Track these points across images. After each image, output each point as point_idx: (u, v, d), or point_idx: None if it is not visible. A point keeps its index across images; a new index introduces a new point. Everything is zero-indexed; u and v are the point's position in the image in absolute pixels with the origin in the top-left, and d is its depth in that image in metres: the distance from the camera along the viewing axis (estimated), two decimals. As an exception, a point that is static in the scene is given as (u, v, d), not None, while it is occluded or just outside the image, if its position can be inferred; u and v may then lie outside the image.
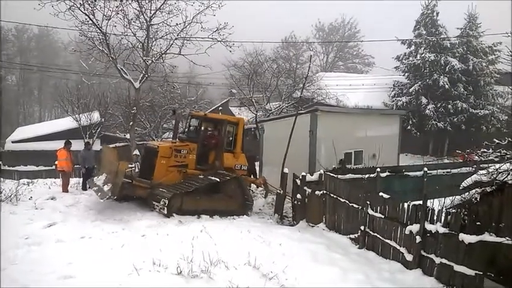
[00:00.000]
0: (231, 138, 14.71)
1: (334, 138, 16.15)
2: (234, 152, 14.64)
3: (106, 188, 11.87)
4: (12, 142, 35.12)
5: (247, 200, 13.77)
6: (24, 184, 14.84)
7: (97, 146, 30.17)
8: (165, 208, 11.73)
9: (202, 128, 14.51)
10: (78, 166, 17.40)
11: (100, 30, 20.36)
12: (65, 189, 14.46)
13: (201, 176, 13.25)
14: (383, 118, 20.44)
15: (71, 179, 15.44)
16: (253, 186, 16.53)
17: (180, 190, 12.31)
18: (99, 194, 11.83)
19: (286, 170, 14.19)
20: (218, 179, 13.10)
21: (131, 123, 24.32)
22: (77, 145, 18.75)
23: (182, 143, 13.84)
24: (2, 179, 17.21)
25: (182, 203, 12.21)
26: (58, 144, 15.81)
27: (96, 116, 33.58)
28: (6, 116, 58.98)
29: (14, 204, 11.47)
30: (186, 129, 15.05)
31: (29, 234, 9.12)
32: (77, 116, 32.76)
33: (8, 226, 9.55)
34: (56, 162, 15.16)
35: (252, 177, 16.38)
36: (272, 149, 18.54)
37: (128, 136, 29.23)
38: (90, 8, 19.64)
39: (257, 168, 18.65)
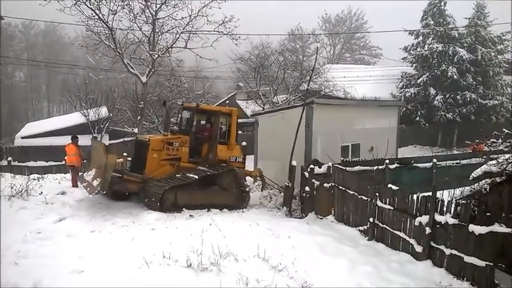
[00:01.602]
0: (224, 130, 14.25)
1: (331, 132, 15.87)
2: (228, 143, 14.17)
3: (95, 182, 11.57)
4: (22, 138, 35.37)
5: (243, 193, 13.55)
6: (34, 179, 14.93)
7: (105, 140, 30.34)
8: (158, 203, 11.59)
9: (195, 119, 14.18)
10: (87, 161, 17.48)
11: (106, 25, 20.45)
12: (75, 184, 14.52)
13: (195, 169, 12.89)
14: (381, 110, 19.96)
15: (80, 173, 15.51)
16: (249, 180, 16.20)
17: (173, 184, 12.04)
18: (88, 189, 11.55)
19: (294, 163, 14.12)
20: (212, 172, 12.89)
21: (139, 117, 24.43)
22: (86, 140, 18.82)
23: (174, 135, 13.37)
24: (12, 174, 17.34)
25: (176, 197, 12.06)
26: (67, 140, 15.85)
27: (104, 111, 33.69)
28: (15, 112, 59.43)
29: (24, 200, 11.54)
30: (178, 122, 14.65)
31: (40, 228, 9.20)
32: (85, 111, 32.90)
33: (20, 221, 9.66)
34: (66, 158, 15.24)
35: None
36: (267, 142, 18.08)
37: (135, 130, 29.34)
38: (96, 3, 19.72)
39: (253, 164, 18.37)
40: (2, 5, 23.14)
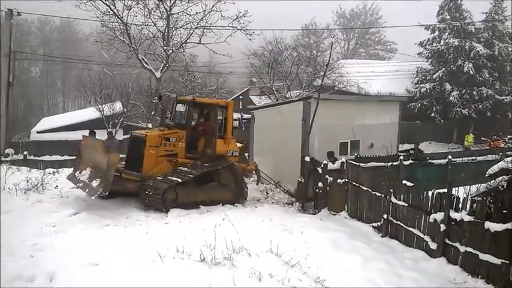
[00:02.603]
0: (220, 123, 13.68)
1: (329, 127, 15.56)
2: (225, 137, 13.63)
3: (95, 183, 10.76)
4: (37, 132, 35.85)
5: (241, 188, 13.19)
6: (49, 173, 15.07)
7: (120, 135, 30.56)
8: (161, 201, 11.07)
9: (191, 113, 13.53)
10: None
11: (121, 20, 20.55)
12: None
13: (194, 165, 12.51)
14: (382, 105, 19.46)
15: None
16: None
17: (174, 181, 11.51)
18: (87, 190, 10.80)
19: (307, 158, 14.05)
20: (213, 168, 12.52)
21: (153, 112, 24.53)
22: (100, 135, 18.95)
23: (170, 130, 12.79)
24: (28, 168, 17.52)
25: (177, 195, 11.58)
26: (82, 134, 15.96)
27: (118, 106, 33.97)
28: (31, 107, 60.20)
29: (40, 193, 11.65)
30: (172, 115, 14.07)
31: (56, 222, 9.30)
32: (99, 106, 33.19)
33: (35, 214, 9.79)
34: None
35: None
36: (264, 138, 17.63)
37: (149, 125, 29.49)
38: (110, -1, 19.83)
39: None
40: (19, 1, 23.44)
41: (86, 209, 10.58)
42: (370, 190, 10.71)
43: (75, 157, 14.13)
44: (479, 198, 8.08)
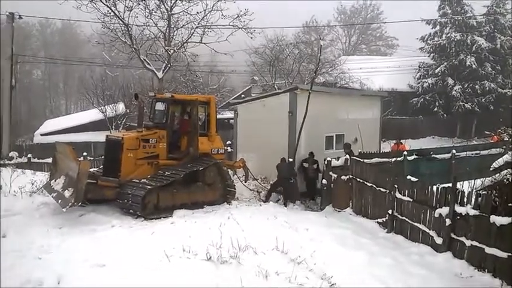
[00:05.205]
0: (203, 120, 13.26)
1: (315, 120, 15.19)
2: (209, 134, 13.13)
3: (67, 193, 10.14)
4: (41, 135, 35.90)
5: (228, 187, 12.82)
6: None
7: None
8: (141, 208, 10.54)
9: (170, 111, 12.68)
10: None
11: (122, 21, 20.59)
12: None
13: (177, 166, 12.02)
14: (364, 100, 19.07)
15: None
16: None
17: (154, 184, 11.01)
18: (60, 201, 10.12)
19: (291, 160, 14.39)
20: (197, 167, 12.01)
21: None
22: (102, 137, 18.98)
23: (149, 131, 12.16)
24: (32, 170, 17.59)
25: (159, 199, 11.07)
26: (85, 136, 16.00)
27: (121, 107, 34.00)
28: (34, 110, 60.37)
29: (45, 196, 11.68)
30: (151, 115, 13.50)
31: (62, 224, 9.36)
32: (102, 107, 33.25)
33: (41, 216, 9.84)
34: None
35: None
36: (247, 133, 17.24)
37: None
38: (111, 0, 19.84)
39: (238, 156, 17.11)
40: (20, 4, 23.48)
41: (92, 210, 10.62)
42: (374, 186, 10.72)
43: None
44: (484, 192, 8.06)
